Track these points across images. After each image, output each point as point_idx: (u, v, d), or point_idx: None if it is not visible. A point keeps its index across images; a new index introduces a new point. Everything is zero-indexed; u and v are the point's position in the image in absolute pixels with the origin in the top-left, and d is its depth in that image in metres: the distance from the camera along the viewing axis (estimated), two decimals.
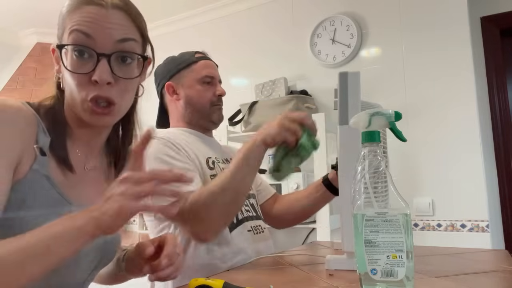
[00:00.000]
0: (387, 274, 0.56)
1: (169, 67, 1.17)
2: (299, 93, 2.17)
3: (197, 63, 1.15)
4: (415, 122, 1.95)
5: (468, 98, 1.85)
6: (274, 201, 1.28)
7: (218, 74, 1.19)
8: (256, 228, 1.11)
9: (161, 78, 1.19)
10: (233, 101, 2.43)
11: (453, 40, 1.91)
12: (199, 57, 1.16)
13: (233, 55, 2.58)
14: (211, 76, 1.15)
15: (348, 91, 0.82)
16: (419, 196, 1.91)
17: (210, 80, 1.15)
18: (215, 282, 0.62)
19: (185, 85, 1.14)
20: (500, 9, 2.11)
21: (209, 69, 1.15)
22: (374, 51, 2.12)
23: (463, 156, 1.83)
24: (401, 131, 0.67)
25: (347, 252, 0.80)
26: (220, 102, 1.17)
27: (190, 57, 1.16)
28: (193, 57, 1.16)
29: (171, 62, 1.18)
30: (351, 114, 0.80)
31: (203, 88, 1.14)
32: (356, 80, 0.82)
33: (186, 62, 1.15)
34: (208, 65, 1.16)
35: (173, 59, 1.18)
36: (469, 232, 1.79)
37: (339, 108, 0.82)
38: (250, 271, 0.85)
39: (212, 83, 1.15)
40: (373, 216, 0.57)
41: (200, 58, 1.16)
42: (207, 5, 2.64)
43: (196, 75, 1.14)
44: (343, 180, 0.80)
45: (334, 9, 2.25)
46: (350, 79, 0.82)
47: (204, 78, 1.14)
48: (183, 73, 1.15)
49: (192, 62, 1.15)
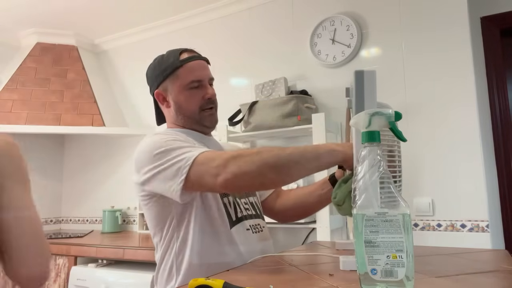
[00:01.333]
0: (387, 274, 0.56)
1: (156, 72, 1.13)
2: (299, 93, 2.17)
3: (182, 68, 1.09)
4: (415, 122, 1.95)
5: (468, 98, 1.85)
6: (277, 195, 1.28)
7: (207, 74, 1.13)
8: (255, 227, 1.10)
9: (150, 83, 1.16)
10: (233, 101, 2.44)
11: (453, 40, 1.91)
12: (184, 59, 1.10)
13: (233, 55, 2.58)
14: (198, 80, 1.10)
15: (364, 90, 0.81)
16: (419, 196, 1.91)
17: (197, 85, 1.10)
18: (215, 282, 0.62)
19: (172, 92, 1.11)
20: (500, 9, 2.11)
21: (195, 73, 1.10)
22: (374, 51, 2.12)
23: (463, 156, 1.83)
24: (401, 131, 0.67)
25: None
26: (210, 104, 1.12)
27: (174, 60, 1.10)
28: (177, 60, 1.09)
29: (158, 66, 1.13)
30: None
31: (190, 94, 1.09)
32: (372, 79, 0.81)
33: (171, 67, 1.09)
34: (194, 68, 1.10)
35: (160, 63, 1.13)
36: (469, 232, 1.79)
37: (355, 107, 0.80)
38: (250, 271, 0.85)
39: (200, 86, 1.10)
40: (373, 216, 0.57)
41: (185, 60, 1.10)
42: (207, 5, 2.64)
43: (182, 81, 1.09)
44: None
45: (334, 9, 2.25)
46: (366, 77, 0.81)
47: (190, 83, 1.09)
48: (169, 80, 1.10)
49: (177, 68, 1.09)
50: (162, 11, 2.74)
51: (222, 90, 2.63)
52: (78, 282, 2.13)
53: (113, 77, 3.15)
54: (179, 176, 0.92)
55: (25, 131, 2.62)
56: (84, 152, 3.18)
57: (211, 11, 2.67)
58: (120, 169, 2.97)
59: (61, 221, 3.20)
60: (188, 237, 1.01)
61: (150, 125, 2.82)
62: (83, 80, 2.93)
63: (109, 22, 2.91)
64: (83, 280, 2.12)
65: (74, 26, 2.95)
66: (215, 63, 2.61)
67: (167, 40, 2.86)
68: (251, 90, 2.44)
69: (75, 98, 2.82)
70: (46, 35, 2.99)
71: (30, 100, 2.73)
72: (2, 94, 2.71)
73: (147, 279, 1.91)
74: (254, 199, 1.19)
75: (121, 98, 3.08)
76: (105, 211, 2.78)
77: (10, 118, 2.63)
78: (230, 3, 2.58)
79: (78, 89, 2.87)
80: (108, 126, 2.76)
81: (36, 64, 2.89)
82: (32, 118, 2.66)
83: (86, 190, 3.13)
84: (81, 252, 2.20)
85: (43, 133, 2.71)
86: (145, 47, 2.98)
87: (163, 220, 1.04)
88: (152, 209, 1.05)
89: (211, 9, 2.66)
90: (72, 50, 3.03)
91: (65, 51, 3.01)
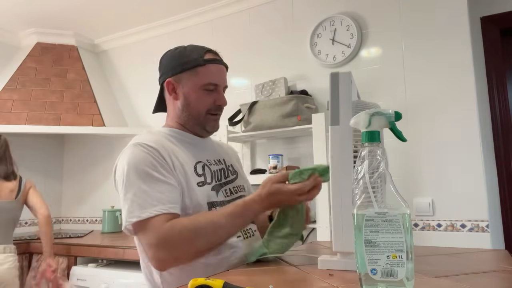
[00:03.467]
0: (387, 274, 0.56)
1: (174, 63, 1.09)
2: (299, 93, 2.17)
3: (203, 67, 1.06)
4: (415, 122, 1.95)
5: (468, 98, 1.85)
6: None
7: (224, 80, 1.11)
8: (247, 232, 1.08)
9: (163, 71, 1.12)
10: (233, 101, 2.44)
11: (453, 40, 1.91)
12: (208, 59, 1.07)
13: (233, 55, 2.57)
14: (214, 84, 1.07)
15: (339, 92, 0.81)
16: (419, 196, 1.91)
17: (213, 88, 1.08)
18: (215, 282, 0.62)
19: (185, 87, 1.08)
20: (500, 9, 2.11)
21: (215, 76, 1.08)
22: (374, 51, 2.12)
23: (463, 156, 1.83)
24: (401, 131, 0.67)
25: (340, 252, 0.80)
26: (218, 111, 1.11)
27: (198, 57, 1.07)
28: (201, 58, 1.07)
29: (177, 57, 1.09)
30: (342, 115, 0.80)
31: (203, 94, 1.07)
32: (347, 81, 0.82)
33: (192, 63, 1.06)
34: (215, 71, 1.08)
35: (180, 54, 1.09)
36: (469, 232, 1.79)
37: (330, 108, 0.82)
38: (250, 271, 0.85)
39: (214, 90, 1.08)
40: (373, 216, 0.57)
41: (209, 61, 1.07)
42: (208, 5, 2.64)
43: (199, 80, 1.06)
44: (335, 180, 0.79)
45: (334, 9, 2.25)
46: (341, 79, 0.82)
47: (207, 85, 1.06)
48: (186, 74, 1.07)
49: (199, 65, 1.06)
50: (162, 11, 2.74)
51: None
52: (78, 282, 2.13)
53: (113, 77, 3.15)
54: (125, 220, 0.93)
55: (25, 131, 2.62)
56: (84, 152, 3.18)
57: (211, 11, 2.67)
58: None
59: (61, 221, 3.20)
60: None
61: (150, 125, 2.82)
62: (83, 80, 2.93)
63: (109, 22, 2.91)
64: (83, 280, 2.12)
65: (74, 26, 2.95)
66: None
67: (167, 40, 2.86)
68: (251, 90, 2.45)
69: (75, 98, 2.82)
70: (46, 35, 2.99)
71: (30, 100, 2.73)
72: (2, 94, 2.71)
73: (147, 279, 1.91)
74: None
75: (121, 98, 3.08)
76: (105, 211, 2.78)
77: (10, 118, 2.63)
78: (230, 3, 2.58)
79: (78, 89, 2.87)
80: (108, 126, 2.76)
81: (36, 64, 2.89)
82: (32, 118, 2.66)
83: (86, 190, 3.13)
84: (81, 252, 2.20)
85: (43, 133, 2.70)
86: (145, 47, 2.98)
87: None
88: None
89: (211, 9, 2.66)
90: (72, 50, 3.03)
91: (65, 51, 3.01)
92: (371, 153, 0.61)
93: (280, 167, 2.14)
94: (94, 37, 3.16)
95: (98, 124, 2.74)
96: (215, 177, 1.08)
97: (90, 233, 2.73)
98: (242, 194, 1.15)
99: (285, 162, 2.25)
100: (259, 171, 2.20)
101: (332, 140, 0.81)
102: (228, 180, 1.12)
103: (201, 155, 1.09)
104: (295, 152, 2.29)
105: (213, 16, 2.68)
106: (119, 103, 3.08)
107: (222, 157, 1.17)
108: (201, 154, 1.09)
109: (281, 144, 2.34)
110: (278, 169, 2.13)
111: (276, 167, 2.14)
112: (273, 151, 2.34)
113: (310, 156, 2.13)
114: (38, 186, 2.26)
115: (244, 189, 1.17)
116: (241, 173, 1.21)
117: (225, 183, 1.10)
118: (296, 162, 2.27)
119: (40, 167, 3.09)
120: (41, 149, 3.12)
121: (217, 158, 1.14)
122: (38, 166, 3.07)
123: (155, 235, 0.90)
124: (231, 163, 1.18)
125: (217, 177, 1.09)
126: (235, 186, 1.13)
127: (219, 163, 1.13)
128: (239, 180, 1.16)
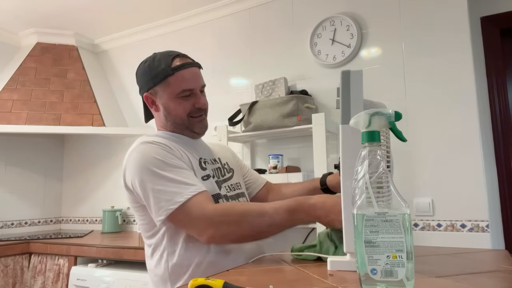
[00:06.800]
0: (387, 274, 0.56)
1: (146, 77, 1.09)
2: (299, 93, 2.17)
3: (173, 76, 1.06)
4: (415, 122, 1.95)
5: (468, 98, 1.85)
6: (267, 190, 1.31)
7: (198, 83, 1.10)
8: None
9: (140, 85, 1.13)
10: (233, 101, 2.44)
11: (453, 40, 1.91)
12: (176, 66, 1.06)
13: (233, 55, 2.58)
14: (189, 89, 1.07)
15: (350, 90, 0.81)
16: (419, 196, 1.91)
17: (189, 93, 1.08)
18: (215, 282, 0.62)
19: (162, 98, 1.09)
20: (500, 9, 2.11)
21: (188, 82, 1.07)
22: (374, 51, 2.12)
23: (463, 156, 1.83)
24: (401, 131, 0.67)
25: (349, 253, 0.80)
26: (200, 112, 1.11)
27: (166, 67, 1.06)
28: (169, 68, 1.06)
29: (148, 71, 1.09)
30: (353, 114, 0.79)
31: (181, 102, 1.08)
32: (358, 79, 0.81)
33: (162, 74, 1.06)
34: (186, 77, 1.07)
35: (150, 67, 1.09)
36: (469, 232, 1.79)
37: (341, 107, 0.81)
38: (250, 271, 0.85)
39: (191, 95, 1.09)
40: (373, 216, 0.57)
41: (177, 68, 1.06)
42: (208, 4, 2.64)
43: (173, 90, 1.06)
44: (346, 179, 0.79)
45: (334, 9, 2.25)
46: (352, 77, 0.81)
47: (181, 92, 1.07)
48: (159, 87, 1.08)
49: (168, 75, 1.06)
50: (162, 11, 2.74)
51: (222, 90, 2.64)
52: (78, 282, 2.14)
53: (113, 77, 3.15)
54: (163, 211, 0.95)
55: (25, 131, 2.62)
56: (84, 152, 3.18)
57: (211, 11, 2.67)
58: (120, 169, 2.97)
59: (61, 221, 3.20)
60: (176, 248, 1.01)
61: (150, 125, 2.81)
62: (83, 80, 2.93)
63: (109, 22, 2.91)
64: (83, 280, 2.12)
65: (74, 26, 2.95)
66: (215, 63, 2.63)
67: (167, 40, 2.86)
68: (251, 90, 2.44)
69: (75, 98, 2.82)
70: (46, 35, 2.99)
71: (30, 100, 2.73)
72: (2, 94, 2.71)
73: (147, 279, 1.91)
74: (243, 199, 1.18)
75: (121, 98, 3.08)
76: (105, 211, 2.78)
77: (10, 118, 2.62)
78: (230, 3, 2.58)
79: (78, 89, 2.87)
80: (108, 126, 2.76)
81: (36, 64, 2.89)
82: (32, 118, 2.66)
83: (86, 190, 3.13)
84: (81, 252, 2.20)
85: (43, 133, 2.70)
86: (145, 47, 2.97)
87: (153, 226, 1.04)
88: (141, 216, 1.06)
89: (211, 9, 2.66)
90: (72, 50, 3.03)
91: (65, 51, 3.01)
92: (371, 153, 0.61)
93: (280, 167, 2.14)
94: (94, 37, 3.16)
95: (98, 124, 2.74)
96: (215, 175, 1.13)
97: (90, 233, 2.73)
98: (240, 191, 1.19)
99: (285, 162, 2.26)
100: (259, 171, 2.20)
101: (343, 139, 0.80)
102: (226, 178, 1.16)
103: (200, 153, 1.14)
104: (295, 152, 2.29)
105: (213, 16, 2.68)
106: (119, 103, 3.08)
107: (217, 156, 1.21)
108: (200, 153, 1.14)
109: (281, 144, 2.34)
110: (278, 169, 2.13)
111: (276, 167, 2.14)
112: (273, 151, 2.34)
113: (310, 156, 2.13)
114: (38, 186, 2.26)
115: (241, 186, 1.21)
116: (236, 169, 1.25)
117: (223, 180, 1.14)
118: (296, 162, 2.27)
119: (40, 167, 3.09)
120: (41, 149, 3.12)
121: (213, 157, 1.18)
122: (38, 166, 3.07)
123: (200, 212, 0.94)
124: (226, 161, 1.22)
125: (216, 175, 1.13)
126: (233, 184, 1.17)
127: (215, 162, 1.17)
128: (235, 178, 1.20)
